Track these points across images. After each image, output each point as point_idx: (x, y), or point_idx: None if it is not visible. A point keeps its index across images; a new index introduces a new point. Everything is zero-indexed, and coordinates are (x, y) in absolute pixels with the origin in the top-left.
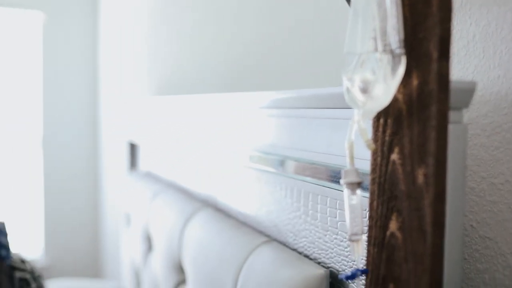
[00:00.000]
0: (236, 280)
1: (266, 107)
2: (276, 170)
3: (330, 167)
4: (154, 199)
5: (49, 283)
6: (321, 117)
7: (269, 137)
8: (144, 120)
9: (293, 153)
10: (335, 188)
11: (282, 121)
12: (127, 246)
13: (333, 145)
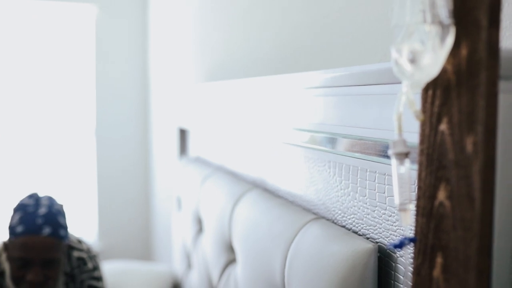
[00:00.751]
0: (285, 256)
1: (315, 86)
2: (325, 148)
3: (379, 141)
4: (204, 183)
5: (103, 265)
6: (369, 93)
7: (318, 116)
8: (194, 106)
9: (341, 130)
10: (383, 163)
11: (330, 99)
12: (178, 229)
13: (381, 120)
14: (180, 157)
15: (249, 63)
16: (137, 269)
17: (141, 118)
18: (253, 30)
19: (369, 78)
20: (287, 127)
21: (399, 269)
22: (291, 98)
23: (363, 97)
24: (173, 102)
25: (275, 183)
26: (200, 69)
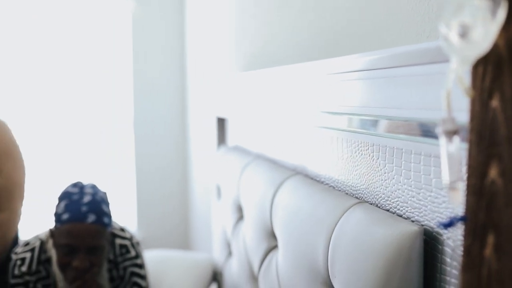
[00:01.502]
0: (329, 241)
1: (356, 70)
2: (368, 131)
3: (424, 122)
4: (243, 171)
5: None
6: (413, 74)
7: (359, 99)
8: (233, 95)
9: (385, 112)
10: (429, 143)
11: (372, 82)
12: (218, 217)
13: (426, 101)
14: (218, 146)
15: (287, 50)
16: (177, 257)
17: (179, 108)
18: (291, 17)
19: (413, 59)
20: (327, 112)
21: (446, 251)
22: (331, 83)
23: (407, 78)
24: (211, 92)
25: (316, 169)
26: (238, 58)
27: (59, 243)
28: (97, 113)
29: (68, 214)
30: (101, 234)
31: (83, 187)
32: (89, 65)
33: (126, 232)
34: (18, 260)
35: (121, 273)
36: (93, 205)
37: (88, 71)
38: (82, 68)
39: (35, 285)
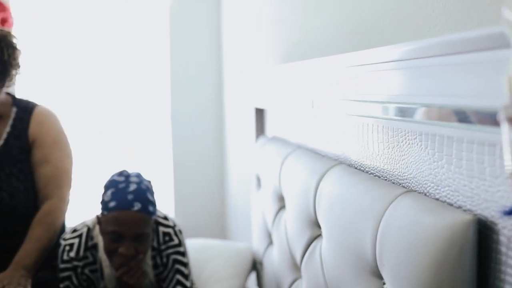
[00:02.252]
0: (376, 229)
1: (403, 59)
2: (416, 120)
3: (478, 110)
4: (284, 161)
5: None
6: (465, 62)
7: (405, 88)
8: (272, 86)
9: (435, 100)
10: (483, 131)
11: (421, 70)
12: (258, 207)
13: (481, 89)
14: (257, 137)
15: (326, 40)
16: (218, 245)
17: (216, 100)
18: (329, 8)
19: (465, 46)
20: (372, 101)
21: (501, 241)
22: (377, 72)
23: (460, 66)
24: (250, 83)
25: (359, 159)
26: (277, 49)
27: (106, 230)
28: (135, 105)
29: (115, 202)
30: (146, 222)
31: (129, 176)
32: (127, 59)
33: (170, 220)
34: (66, 245)
35: (164, 260)
36: (139, 194)
37: (126, 65)
38: (121, 62)
39: (82, 270)
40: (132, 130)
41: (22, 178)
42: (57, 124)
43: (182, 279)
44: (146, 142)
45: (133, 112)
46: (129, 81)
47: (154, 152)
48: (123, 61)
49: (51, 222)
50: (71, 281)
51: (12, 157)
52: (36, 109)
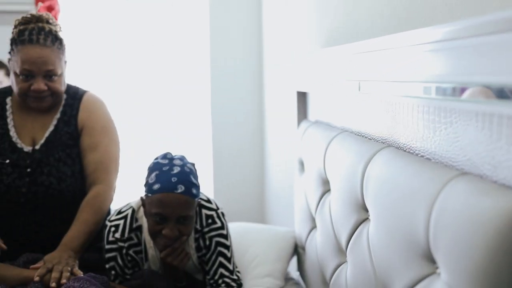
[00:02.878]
0: (429, 212)
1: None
2: (473, 100)
3: None
4: (329, 145)
5: None
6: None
7: (462, 66)
8: (315, 70)
9: (493, 79)
10: None
11: (477, 48)
12: (301, 191)
13: None
14: (299, 121)
15: (370, 22)
16: (259, 229)
17: (256, 84)
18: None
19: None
20: (423, 81)
21: None
22: (429, 52)
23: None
24: (292, 67)
25: (409, 142)
26: (320, 32)
27: (150, 212)
28: (175, 92)
29: (159, 184)
30: (190, 204)
31: (173, 158)
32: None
33: (213, 203)
34: (112, 227)
35: (207, 242)
36: (182, 177)
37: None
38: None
39: (127, 251)
40: (172, 116)
41: (70, 163)
42: (105, 111)
43: (224, 261)
44: (186, 128)
45: (173, 99)
46: (169, 67)
47: (194, 137)
48: (164, 46)
49: (98, 207)
50: (116, 261)
51: (61, 143)
52: (85, 96)
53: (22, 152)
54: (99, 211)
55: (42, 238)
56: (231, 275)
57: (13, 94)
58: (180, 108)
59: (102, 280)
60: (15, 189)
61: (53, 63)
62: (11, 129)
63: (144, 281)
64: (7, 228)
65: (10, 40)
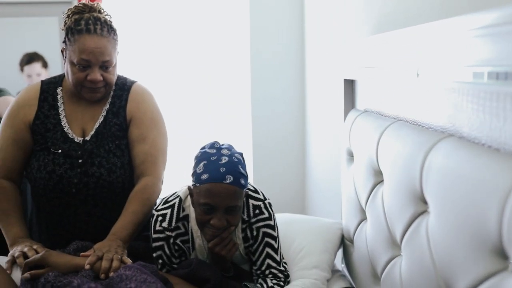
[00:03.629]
0: (503, 207)
1: None
2: None
3: None
4: (382, 134)
5: None
6: None
7: None
8: (364, 57)
9: None
10: None
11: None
12: (349, 182)
13: None
14: (346, 110)
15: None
16: (306, 220)
17: (298, 75)
18: None
19: None
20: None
21: None
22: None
23: None
24: (337, 55)
25: (473, 131)
26: (368, 19)
27: (198, 202)
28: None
29: (207, 174)
30: (238, 195)
31: (220, 148)
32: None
33: (260, 193)
34: (159, 216)
35: (254, 233)
36: (231, 167)
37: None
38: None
39: (174, 240)
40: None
41: (119, 155)
42: (153, 102)
43: (271, 252)
44: (226, 118)
45: (213, 89)
46: (210, 57)
47: (234, 128)
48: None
49: (147, 198)
50: (163, 250)
51: (110, 134)
52: (134, 87)
53: (73, 143)
54: (147, 202)
55: (91, 228)
56: (278, 266)
57: (63, 84)
58: (219, 98)
59: (152, 269)
60: (67, 180)
61: (109, 53)
62: (63, 120)
63: (192, 271)
64: (58, 218)
65: (65, 29)
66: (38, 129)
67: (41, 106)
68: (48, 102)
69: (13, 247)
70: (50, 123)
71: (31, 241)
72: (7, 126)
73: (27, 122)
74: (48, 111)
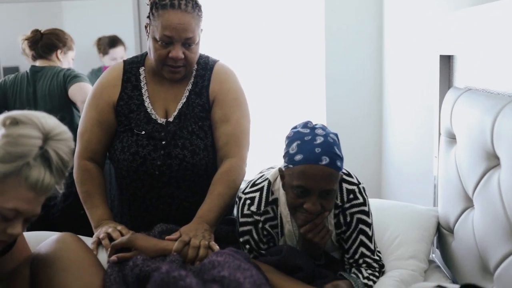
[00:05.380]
0: None
1: None
2: None
3: None
4: (497, 115)
5: None
6: None
7: None
8: (463, 32)
9: None
10: None
11: None
12: (449, 166)
13: None
14: (442, 87)
15: None
16: (397, 206)
17: (375, 52)
18: None
19: None
20: None
21: None
22: None
23: None
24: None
25: None
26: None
27: (291, 184)
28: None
29: (301, 155)
30: (334, 177)
31: (314, 128)
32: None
33: (353, 177)
34: (247, 199)
35: (348, 219)
36: (326, 147)
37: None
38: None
39: (263, 225)
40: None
41: (202, 136)
42: (237, 82)
43: (365, 240)
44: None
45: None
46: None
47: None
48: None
49: (232, 180)
50: (251, 235)
51: (193, 115)
52: (216, 66)
53: (156, 124)
54: (232, 185)
55: (173, 211)
56: (372, 255)
57: (145, 63)
58: (293, 77)
59: (244, 255)
60: (150, 162)
61: (192, 30)
62: (146, 100)
63: (283, 258)
64: (140, 200)
65: (150, 3)
66: (122, 110)
67: (125, 87)
68: (131, 83)
69: (98, 229)
70: (133, 104)
71: (115, 223)
72: (91, 107)
73: (111, 103)
74: (131, 92)
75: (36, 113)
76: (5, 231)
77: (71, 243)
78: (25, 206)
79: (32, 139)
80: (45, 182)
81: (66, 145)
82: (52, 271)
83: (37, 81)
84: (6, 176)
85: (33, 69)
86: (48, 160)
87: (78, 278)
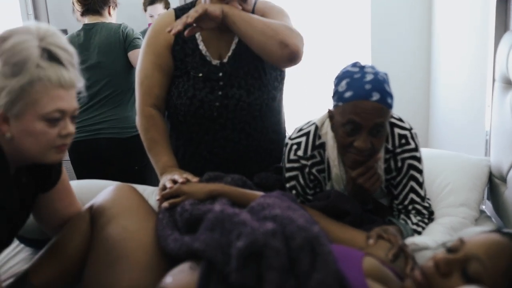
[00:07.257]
0: None
1: None
2: None
3: None
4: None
5: None
6: None
7: None
8: None
9: None
10: None
11: None
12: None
13: None
14: (498, 32)
15: None
16: (448, 155)
17: None
18: None
19: None
20: None
21: None
22: None
23: None
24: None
25: None
26: None
27: (342, 121)
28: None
29: (351, 91)
30: (385, 113)
31: (363, 67)
32: None
33: (405, 122)
34: (293, 144)
35: (399, 164)
36: (376, 84)
37: None
38: None
39: (310, 169)
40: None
41: (256, 76)
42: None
43: (416, 186)
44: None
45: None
46: None
47: None
48: None
49: None
50: (297, 180)
51: (247, 56)
52: (258, 3)
53: (211, 66)
54: None
55: (227, 154)
56: (422, 202)
57: None
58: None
59: (292, 197)
60: (208, 104)
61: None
62: (200, 43)
63: (331, 202)
64: (195, 145)
65: None
66: (178, 54)
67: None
68: (184, 27)
69: (163, 176)
70: (188, 48)
71: (180, 170)
72: (148, 53)
73: (168, 46)
74: (185, 36)
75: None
76: (60, 135)
77: (126, 191)
78: (64, 104)
79: (27, 42)
80: (66, 76)
81: (61, 37)
82: (108, 217)
83: (92, 38)
84: (31, 85)
85: (85, 27)
86: (54, 55)
87: (133, 223)
